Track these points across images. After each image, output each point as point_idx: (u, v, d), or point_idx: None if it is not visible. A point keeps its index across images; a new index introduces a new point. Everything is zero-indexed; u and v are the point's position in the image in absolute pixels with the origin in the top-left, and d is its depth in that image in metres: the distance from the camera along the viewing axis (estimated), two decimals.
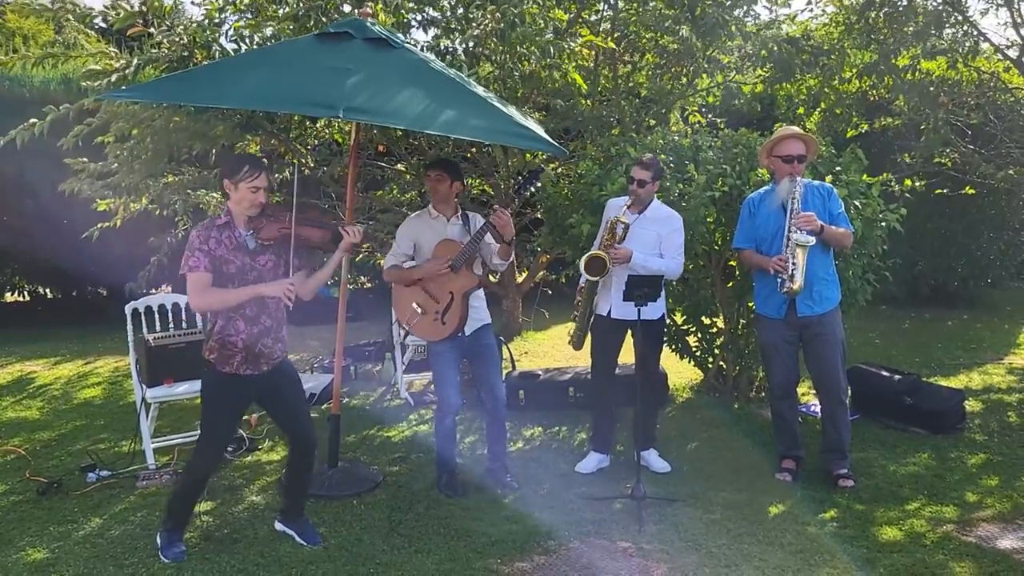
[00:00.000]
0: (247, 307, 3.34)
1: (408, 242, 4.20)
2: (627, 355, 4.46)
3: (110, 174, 5.59)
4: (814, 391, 4.63)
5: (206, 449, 3.46)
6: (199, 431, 3.46)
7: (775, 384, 4.34)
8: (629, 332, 4.36)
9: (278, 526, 3.73)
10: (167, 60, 5.09)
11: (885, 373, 5.36)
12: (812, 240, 3.95)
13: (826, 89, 7.33)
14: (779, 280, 4.04)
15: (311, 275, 3.53)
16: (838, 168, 4.97)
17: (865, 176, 5.03)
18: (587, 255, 4.20)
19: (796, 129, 4.21)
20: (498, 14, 4.98)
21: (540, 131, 3.97)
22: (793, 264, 3.98)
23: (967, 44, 7.25)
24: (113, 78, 5.01)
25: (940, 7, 6.91)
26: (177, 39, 5.14)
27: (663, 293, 4.35)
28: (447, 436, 4.21)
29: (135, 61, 5.07)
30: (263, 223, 3.37)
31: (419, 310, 4.09)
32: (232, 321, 3.34)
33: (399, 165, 7.41)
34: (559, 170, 6.55)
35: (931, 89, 7.04)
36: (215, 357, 3.35)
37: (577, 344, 4.53)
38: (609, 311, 4.31)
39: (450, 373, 4.16)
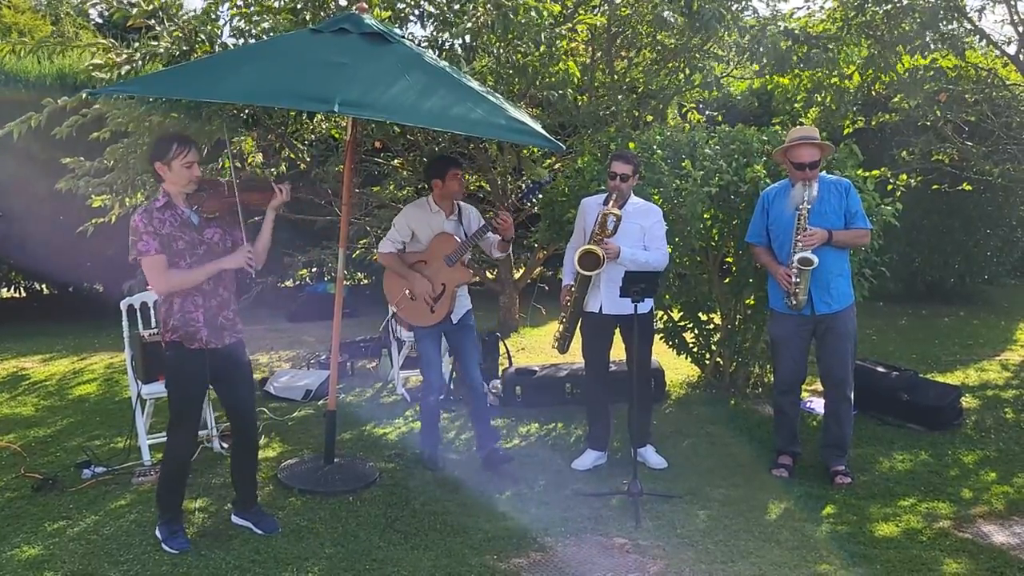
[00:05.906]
0: (204, 281, 3.39)
1: (406, 230, 4.36)
2: (617, 351, 4.46)
3: (106, 171, 5.56)
4: (814, 388, 4.62)
5: (179, 431, 3.47)
6: (170, 416, 3.46)
7: (781, 379, 4.34)
8: (617, 327, 4.36)
9: (235, 519, 3.73)
10: (168, 55, 5.07)
11: (882, 369, 5.35)
12: (816, 261, 3.94)
13: (824, 83, 7.30)
14: (784, 293, 4.08)
15: (255, 244, 3.57)
16: (834, 164, 4.95)
17: (860, 171, 5.02)
18: (580, 250, 4.14)
19: (812, 133, 4.12)
20: (489, 6, 4.96)
21: (536, 126, 3.96)
22: (797, 281, 4.01)
23: (966, 40, 7.22)
24: (122, 71, 5.00)
25: (938, 1, 6.88)
26: (178, 33, 5.11)
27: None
28: (430, 412, 4.46)
29: (138, 55, 5.05)
30: (203, 198, 3.41)
31: (409, 295, 4.32)
32: (190, 297, 3.38)
33: (395, 161, 7.39)
34: (556, 166, 6.53)
35: (929, 86, 7.01)
36: (180, 336, 3.37)
37: (563, 347, 4.50)
38: (600, 308, 4.30)
39: (436, 356, 4.44)
